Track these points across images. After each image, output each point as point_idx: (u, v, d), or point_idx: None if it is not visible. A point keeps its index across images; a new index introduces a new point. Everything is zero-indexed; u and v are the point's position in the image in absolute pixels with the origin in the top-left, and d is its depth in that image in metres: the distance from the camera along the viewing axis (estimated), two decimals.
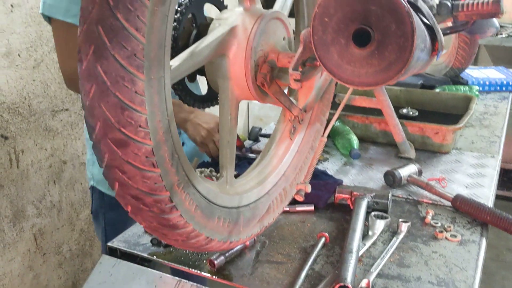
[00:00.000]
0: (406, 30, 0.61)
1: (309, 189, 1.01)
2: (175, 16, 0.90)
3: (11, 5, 1.86)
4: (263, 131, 1.81)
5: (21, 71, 1.94)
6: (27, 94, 1.98)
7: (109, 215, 1.66)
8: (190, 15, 0.94)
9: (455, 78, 2.32)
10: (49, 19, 1.40)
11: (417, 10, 0.75)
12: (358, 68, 0.66)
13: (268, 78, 0.88)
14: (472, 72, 2.43)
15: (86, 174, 1.75)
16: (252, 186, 1.03)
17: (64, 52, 1.40)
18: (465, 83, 2.30)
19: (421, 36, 0.67)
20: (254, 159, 1.52)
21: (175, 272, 1.09)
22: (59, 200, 2.24)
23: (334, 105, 1.33)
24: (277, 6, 1.01)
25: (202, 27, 0.94)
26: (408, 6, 0.61)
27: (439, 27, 0.87)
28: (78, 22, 1.40)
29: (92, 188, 1.68)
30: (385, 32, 0.63)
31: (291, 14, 1.13)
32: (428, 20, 0.81)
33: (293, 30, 1.12)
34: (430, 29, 0.83)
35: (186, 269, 1.07)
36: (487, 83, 2.35)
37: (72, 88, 1.49)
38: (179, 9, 0.90)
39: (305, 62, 0.89)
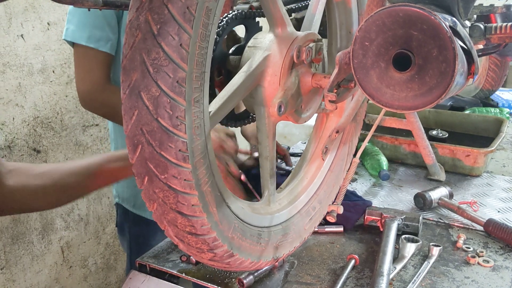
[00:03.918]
0: (448, 56, 0.61)
1: (341, 210, 1.00)
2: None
3: (48, 23, 1.92)
4: (290, 150, 1.81)
5: (55, 87, 1.99)
6: (59, 109, 2.03)
7: (133, 230, 1.70)
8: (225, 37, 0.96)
9: (485, 100, 2.29)
10: (72, 43, 1.47)
11: (456, 34, 0.75)
12: (398, 92, 0.67)
13: None
14: (503, 94, 2.40)
15: (112, 191, 1.79)
16: (283, 205, 1.03)
17: (81, 74, 1.46)
18: (495, 105, 2.27)
19: (461, 61, 0.67)
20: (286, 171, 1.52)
21: None
22: (87, 213, 2.27)
23: (364, 125, 1.33)
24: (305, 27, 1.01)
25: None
26: (451, 31, 0.61)
27: (475, 51, 0.87)
28: (99, 47, 1.44)
29: (117, 205, 1.72)
30: (426, 57, 0.63)
31: (322, 35, 1.14)
32: (465, 44, 0.81)
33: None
34: (467, 52, 0.82)
35: (214, 287, 1.08)
36: None
37: (87, 107, 1.53)
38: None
39: (339, 83, 0.89)
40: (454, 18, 0.81)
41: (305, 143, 1.93)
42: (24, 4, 1.82)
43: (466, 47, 0.80)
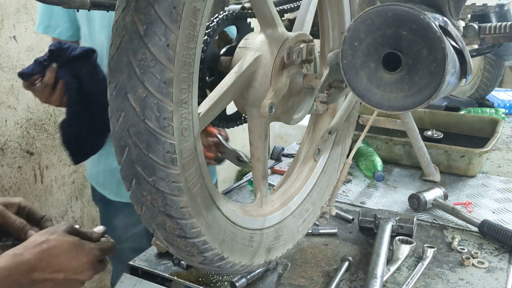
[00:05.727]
0: (438, 56, 0.60)
1: (334, 212, 0.99)
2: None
3: None
4: (285, 151, 1.81)
5: None
6: (52, 111, 2.02)
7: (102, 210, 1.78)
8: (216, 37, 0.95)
9: (480, 100, 2.29)
10: None
11: (447, 34, 0.75)
12: (388, 93, 0.66)
13: None
14: (498, 94, 2.40)
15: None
16: (275, 207, 1.02)
17: None
18: (490, 105, 2.27)
19: (452, 61, 0.67)
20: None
21: None
22: (81, 216, 2.26)
23: (358, 126, 1.32)
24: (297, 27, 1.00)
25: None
26: (440, 31, 0.60)
27: (468, 51, 0.86)
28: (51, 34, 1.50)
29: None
30: (416, 57, 0.63)
31: (315, 35, 1.13)
32: (457, 44, 0.80)
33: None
34: (459, 52, 0.82)
35: None
36: None
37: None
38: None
39: (331, 84, 0.88)
40: (445, 18, 0.80)
41: (300, 144, 1.92)
42: (16, 5, 1.81)
43: (458, 47, 0.79)
